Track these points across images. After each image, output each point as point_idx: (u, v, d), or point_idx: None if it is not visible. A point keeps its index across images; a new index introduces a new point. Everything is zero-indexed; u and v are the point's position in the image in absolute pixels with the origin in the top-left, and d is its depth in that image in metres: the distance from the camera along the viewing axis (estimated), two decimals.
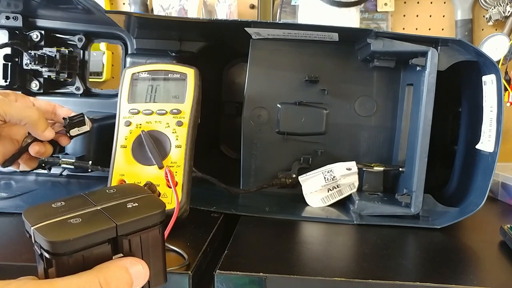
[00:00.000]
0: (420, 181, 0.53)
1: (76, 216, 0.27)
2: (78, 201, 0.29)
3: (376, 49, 0.55)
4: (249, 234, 0.50)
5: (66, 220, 0.27)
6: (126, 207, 0.29)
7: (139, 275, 0.27)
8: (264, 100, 0.65)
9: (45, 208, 0.28)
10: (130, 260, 0.27)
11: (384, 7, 0.92)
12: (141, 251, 0.28)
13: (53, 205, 0.28)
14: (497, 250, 0.48)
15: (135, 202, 0.29)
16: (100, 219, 0.27)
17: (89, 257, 0.26)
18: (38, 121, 0.47)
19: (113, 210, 0.28)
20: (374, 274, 0.39)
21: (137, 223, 0.28)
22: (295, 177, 0.62)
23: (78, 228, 0.26)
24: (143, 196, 0.31)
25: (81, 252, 0.25)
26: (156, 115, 0.52)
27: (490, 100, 0.53)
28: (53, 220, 0.26)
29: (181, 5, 0.88)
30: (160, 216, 0.29)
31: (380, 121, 0.65)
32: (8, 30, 0.71)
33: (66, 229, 0.26)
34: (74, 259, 0.25)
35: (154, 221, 0.29)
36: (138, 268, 0.27)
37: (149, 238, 0.29)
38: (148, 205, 0.30)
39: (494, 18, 0.87)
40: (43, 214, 0.27)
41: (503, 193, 0.70)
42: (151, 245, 0.29)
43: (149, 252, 0.29)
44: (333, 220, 0.55)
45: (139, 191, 0.31)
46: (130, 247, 0.28)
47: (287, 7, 0.92)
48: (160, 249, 0.30)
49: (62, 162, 0.64)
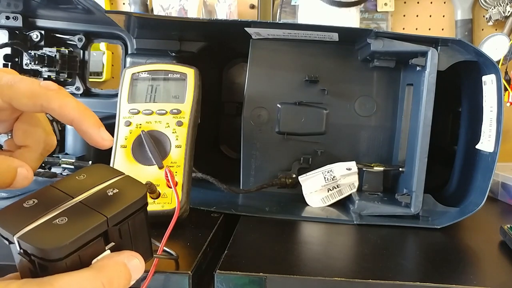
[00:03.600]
0: (420, 181, 0.53)
1: (60, 215, 0.25)
2: (51, 195, 0.27)
3: (376, 49, 0.55)
4: (249, 234, 0.49)
5: (51, 221, 0.24)
6: (107, 195, 0.27)
7: (136, 269, 0.27)
8: (264, 100, 0.65)
9: (18, 210, 0.25)
10: (127, 255, 0.27)
11: (384, 7, 0.92)
12: (129, 235, 0.28)
13: (24, 204, 0.25)
14: (497, 250, 0.48)
15: (114, 188, 0.28)
16: (88, 214, 0.25)
17: (85, 254, 0.25)
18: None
19: (96, 201, 0.26)
20: (374, 274, 0.39)
21: (125, 211, 0.27)
22: (295, 177, 0.62)
23: (68, 229, 0.24)
24: (118, 178, 0.29)
25: (77, 253, 0.24)
26: (156, 115, 0.52)
27: (490, 100, 0.53)
28: (36, 224, 0.24)
29: (181, 5, 0.88)
30: (144, 198, 0.28)
31: (380, 121, 0.65)
32: (8, 30, 0.71)
33: (56, 232, 0.24)
34: (71, 260, 0.24)
35: (140, 205, 0.28)
36: (135, 262, 0.27)
37: (136, 221, 0.28)
38: (130, 189, 0.28)
39: (494, 18, 0.87)
40: (20, 217, 0.24)
41: (503, 193, 0.70)
42: (138, 228, 0.28)
43: (137, 234, 0.28)
44: (333, 220, 0.55)
45: (110, 173, 0.29)
46: (120, 235, 0.27)
47: (287, 7, 0.92)
48: (146, 228, 0.30)
49: (62, 162, 0.64)
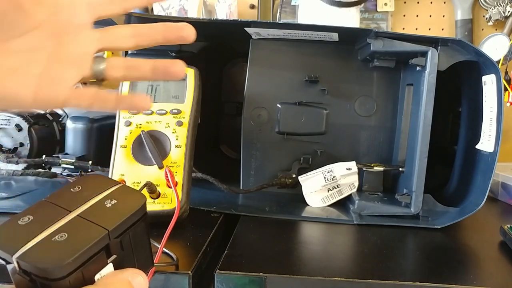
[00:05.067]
0: (420, 181, 0.53)
1: (59, 231, 0.24)
2: (46, 210, 0.26)
3: (376, 49, 0.55)
4: (249, 234, 0.49)
5: (50, 238, 0.23)
6: (105, 206, 0.26)
7: (140, 286, 0.27)
8: (264, 100, 0.65)
9: (15, 228, 0.24)
10: (131, 272, 0.27)
11: (384, 7, 0.92)
12: (131, 246, 0.28)
13: (19, 222, 0.24)
14: (497, 250, 0.48)
15: (111, 199, 0.27)
16: (88, 228, 0.25)
17: (88, 270, 0.24)
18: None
19: (94, 214, 0.26)
20: (374, 274, 0.39)
21: (126, 222, 0.27)
22: (295, 177, 0.62)
23: (69, 245, 0.23)
24: (115, 189, 0.28)
25: (80, 269, 0.23)
26: (156, 115, 0.52)
27: (490, 100, 0.53)
28: (35, 242, 0.23)
29: (181, 5, 0.88)
30: (144, 207, 0.28)
31: (380, 121, 0.65)
32: None
33: (57, 249, 0.23)
34: (74, 277, 0.23)
35: (140, 215, 0.28)
36: (139, 280, 0.27)
37: (137, 231, 0.28)
38: (128, 199, 0.28)
39: (494, 18, 0.87)
40: (17, 236, 0.23)
41: (503, 193, 0.70)
42: (139, 237, 0.28)
43: (138, 244, 0.28)
44: (333, 220, 0.55)
45: (106, 183, 0.29)
46: (122, 247, 0.27)
47: (287, 7, 0.92)
48: (146, 237, 0.29)
49: (62, 162, 0.64)
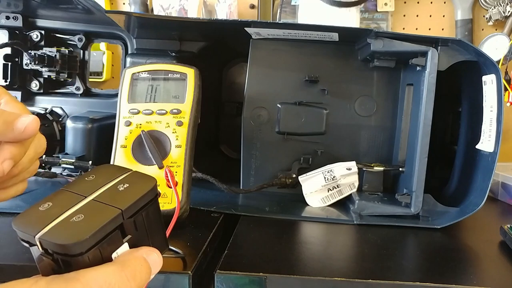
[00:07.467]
0: (420, 181, 0.53)
1: (76, 213, 0.26)
2: (64, 197, 0.28)
3: (376, 49, 0.55)
4: (249, 234, 0.49)
5: (68, 219, 0.25)
6: (118, 190, 0.28)
7: (155, 263, 0.28)
8: (264, 100, 0.65)
9: (36, 213, 0.26)
10: (145, 250, 0.28)
11: (384, 7, 0.92)
12: (145, 227, 0.29)
13: (40, 208, 0.26)
14: (497, 250, 0.48)
15: (124, 183, 0.29)
16: (103, 209, 0.26)
17: (105, 248, 0.26)
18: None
19: (108, 197, 0.27)
20: (374, 274, 0.39)
21: (138, 202, 0.28)
22: (295, 177, 0.62)
23: (86, 224, 0.25)
24: (127, 174, 0.30)
25: (97, 246, 0.25)
26: (156, 115, 0.52)
27: (490, 100, 0.53)
28: (55, 223, 0.25)
29: (181, 5, 0.88)
30: (155, 188, 0.29)
31: (380, 121, 0.65)
32: (8, 30, 0.71)
33: (76, 228, 0.25)
34: (92, 254, 0.25)
35: (151, 196, 0.29)
36: (154, 257, 0.28)
37: (149, 213, 0.29)
38: (140, 182, 0.29)
39: (494, 18, 0.87)
40: (39, 219, 0.25)
41: (503, 193, 0.70)
42: (152, 219, 0.29)
43: (152, 225, 0.30)
44: (333, 220, 0.55)
45: (118, 171, 0.30)
46: (136, 227, 0.28)
47: (287, 7, 0.92)
48: (160, 219, 0.31)
49: (62, 162, 0.64)
